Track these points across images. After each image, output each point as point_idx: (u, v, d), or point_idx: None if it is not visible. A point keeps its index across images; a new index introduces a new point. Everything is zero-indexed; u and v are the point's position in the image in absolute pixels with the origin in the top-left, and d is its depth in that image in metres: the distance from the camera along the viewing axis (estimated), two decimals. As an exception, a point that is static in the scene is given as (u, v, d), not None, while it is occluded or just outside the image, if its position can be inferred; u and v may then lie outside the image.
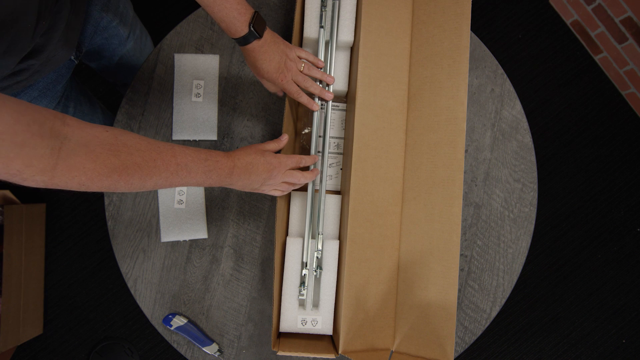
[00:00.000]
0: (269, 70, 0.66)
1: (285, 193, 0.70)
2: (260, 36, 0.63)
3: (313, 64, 0.73)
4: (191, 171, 0.53)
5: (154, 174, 0.49)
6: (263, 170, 0.62)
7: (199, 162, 0.54)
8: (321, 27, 0.75)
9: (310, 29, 0.75)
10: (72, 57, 0.73)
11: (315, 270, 0.72)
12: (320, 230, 0.72)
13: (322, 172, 0.74)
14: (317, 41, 0.76)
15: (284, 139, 0.69)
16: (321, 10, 0.75)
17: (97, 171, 0.44)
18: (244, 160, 0.60)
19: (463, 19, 0.70)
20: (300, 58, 0.71)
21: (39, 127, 0.40)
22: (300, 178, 0.67)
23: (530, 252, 1.57)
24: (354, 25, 0.76)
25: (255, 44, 0.63)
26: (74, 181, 0.43)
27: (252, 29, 0.61)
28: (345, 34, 0.75)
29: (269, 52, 0.65)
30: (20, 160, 0.39)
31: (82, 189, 0.45)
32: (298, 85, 0.71)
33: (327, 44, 0.76)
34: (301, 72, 0.70)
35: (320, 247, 0.72)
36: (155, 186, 0.51)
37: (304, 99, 0.72)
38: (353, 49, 0.79)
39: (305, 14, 0.75)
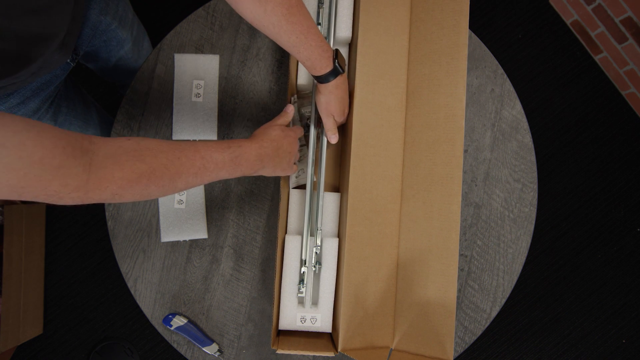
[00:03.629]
0: (337, 108, 0.69)
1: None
2: (344, 71, 0.65)
3: None
4: (218, 162, 0.54)
5: (181, 172, 0.50)
6: (287, 144, 0.64)
7: (222, 150, 0.55)
8: (318, 24, 0.75)
9: None
10: (69, 60, 0.72)
11: (314, 266, 0.72)
12: (319, 226, 0.72)
13: (320, 169, 0.74)
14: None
15: (290, 110, 0.69)
16: (318, 7, 0.75)
17: (126, 179, 0.46)
18: (268, 137, 0.61)
19: (461, 16, 0.70)
20: None
21: (72, 149, 0.42)
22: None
23: (530, 252, 1.57)
24: (351, 21, 0.76)
25: (338, 81, 0.65)
26: (107, 192, 0.45)
27: (336, 65, 0.63)
28: (343, 30, 0.76)
29: (345, 90, 0.68)
30: (58, 181, 0.41)
31: (116, 198, 0.47)
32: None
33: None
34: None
35: (319, 242, 0.72)
36: (187, 185, 0.52)
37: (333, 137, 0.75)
38: (351, 47, 0.79)
39: None
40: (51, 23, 0.53)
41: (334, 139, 0.74)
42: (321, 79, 0.64)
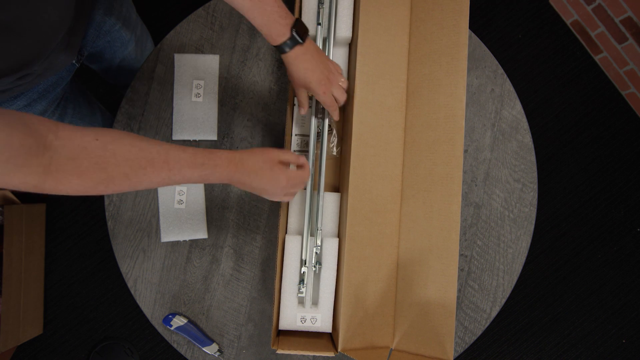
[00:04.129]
0: (312, 80, 0.64)
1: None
2: (303, 41, 0.61)
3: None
4: (185, 176, 0.52)
5: (143, 180, 0.49)
6: (272, 186, 0.59)
7: (194, 167, 0.52)
8: (319, 24, 0.75)
9: (308, 26, 0.75)
10: (74, 61, 0.72)
11: (315, 266, 0.72)
12: (319, 226, 0.72)
13: (320, 170, 0.74)
14: (314, 38, 0.76)
15: (308, 167, 0.65)
16: (318, 7, 0.75)
17: (82, 185, 0.45)
18: (252, 169, 0.57)
19: (461, 16, 0.70)
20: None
21: (37, 147, 0.42)
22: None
23: (530, 252, 1.56)
24: (351, 21, 0.76)
25: (298, 51, 0.61)
26: (62, 192, 0.46)
27: (294, 33, 0.59)
28: (343, 30, 0.76)
29: (312, 60, 0.63)
30: (18, 179, 0.42)
31: (70, 194, 0.47)
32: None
33: (324, 41, 0.76)
34: (340, 85, 0.69)
35: (319, 242, 0.72)
36: (150, 187, 0.51)
37: (336, 113, 0.71)
38: (351, 47, 0.79)
39: (303, 12, 0.75)
40: (45, 15, 0.51)
41: (302, 111, 0.70)
42: (279, 49, 0.61)
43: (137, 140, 0.49)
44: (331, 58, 0.76)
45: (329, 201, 0.76)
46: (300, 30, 0.60)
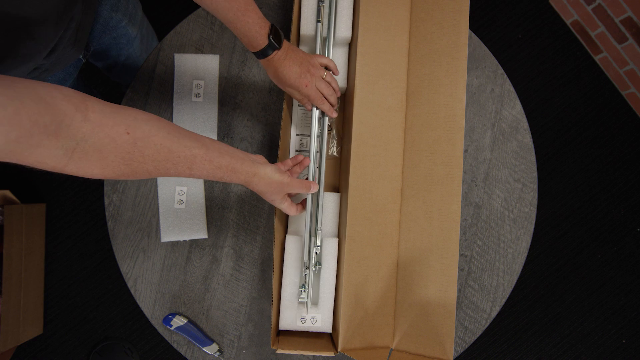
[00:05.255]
0: (291, 76, 0.67)
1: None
2: (280, 46, 0.64)
3: (333, 72, 0.73)
4: (201, 176, 0.54)
5: (163, 175, 0.50)
6: (274, 199, 0.64)
7: (213, 177, 0.54)
8: (318, 21, 0.75)
9: (307, 25, 0.75)
10: (80, 56, 0.73)
11: (315, 266, 0.72)
12: (319, 226, 0.72)
13: (319, 170, 0.74)
14: (314, 38, 0.76)
15: (315, 188, 0.69)
16: (318, 6, 0.75)
17: (103, 174, 0.45)
18: (258, 189, 0.61)
19: (461, 16, 0.70)
20: (321, 65, 0.72)
21: (56, 127, 0.38)
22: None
23: (530, 252, 1.57)
24: (351, 22, 0.76)
25: (275, 55, 0.65)
26: (80, 176, 0.44)
27: (270, 40, 0.63)
28: (343, 30, 0.76)
29: (288, 59, 0.66)
30: (34, 159, 0.39)
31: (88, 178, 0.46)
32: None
33: (324, 40, 0.76)
34: (324, 79, 0.71)
35: (319, 243, 0.72)
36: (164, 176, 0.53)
37: (325, 106, 0.72)
38: (351, 47, 0.79)
39: (302, 10, 0.75)
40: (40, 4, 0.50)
41: (307, 106, 0.73)
42: (257, 55, 0.65)
43: (168, 140, 0.48)
44: (330, 57, 0.76)
45: (329, 201, 0.76)
46: (276, 37, 0.63)
